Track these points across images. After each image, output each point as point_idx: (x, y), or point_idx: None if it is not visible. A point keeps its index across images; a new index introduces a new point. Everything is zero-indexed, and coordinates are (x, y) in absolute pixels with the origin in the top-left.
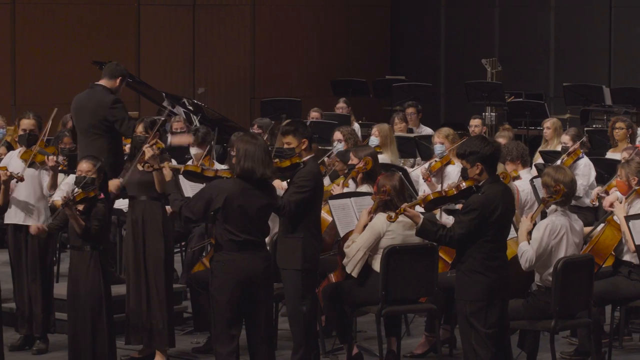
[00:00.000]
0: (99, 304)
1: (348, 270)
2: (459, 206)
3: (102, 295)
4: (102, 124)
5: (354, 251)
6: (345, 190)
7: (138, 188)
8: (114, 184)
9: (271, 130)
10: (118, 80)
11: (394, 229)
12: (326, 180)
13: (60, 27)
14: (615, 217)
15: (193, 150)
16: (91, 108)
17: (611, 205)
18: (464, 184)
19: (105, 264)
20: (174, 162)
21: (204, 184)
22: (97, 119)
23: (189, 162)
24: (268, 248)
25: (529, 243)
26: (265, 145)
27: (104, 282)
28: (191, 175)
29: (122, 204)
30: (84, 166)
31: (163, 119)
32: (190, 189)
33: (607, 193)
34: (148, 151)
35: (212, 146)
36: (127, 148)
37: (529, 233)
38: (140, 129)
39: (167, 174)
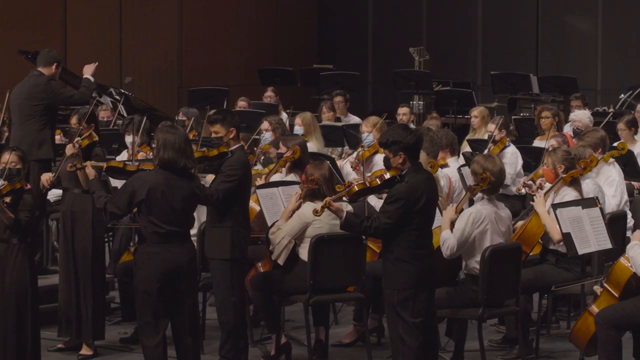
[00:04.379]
0: (24, 296)
1: (273, 257)
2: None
3: (28, 287)
4: (38, 104)
5: (279, 238)
6: (274, 179)
7: (69, 180)
8: (45, 177)
9: (197, 119)
10: (54, 67)
11: (322, 218)
12: (259, 166)
13: None
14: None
15: (129, 139)
16: (27, 91)
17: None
18: (387, 174)
19: (32, 256)
20: (105, 154)
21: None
22: (33, 99)
23: (123, 152)
24: (195, 238)
25: (451, 232)
26: (185, 135)
27: (31, 275)
28: (114, 172)
29: (48, 195)
30: (7, 157)
31: (90, 108)
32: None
33: (533, 181)
34: (69, 149)
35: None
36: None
37: (453, 223)
38: (73, 120)
39: (90, 172)
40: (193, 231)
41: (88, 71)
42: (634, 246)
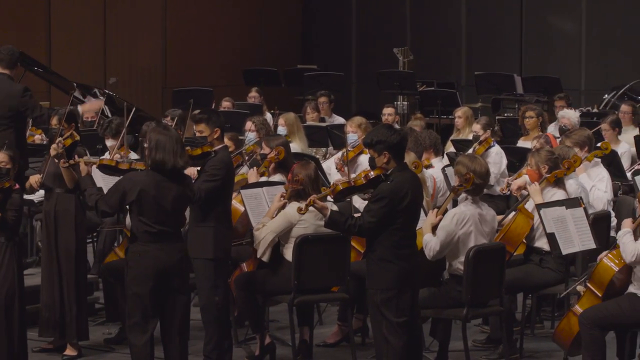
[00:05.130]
0: (12, 296)
1: (258, 254)
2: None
3: (16, 287)
4: (11, 114)
5: (264, 234)
6: (260, 179)
7: (53, 180)
8: (34, 179)
9: (180, 117)
10: (19, 66)
11: (307, 218)
12: (245, 169)
13: None
14: (527, 205)
15: (109, 142)
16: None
17: (519, 188)
18: (372, 173)
19: (20, 256)
20: (87, 154)
21: (119, 176)
22: (6, 109)
23: (105, 154)
24: None
25: (433, 236)
26: (177, 135)
27: (18, 274)
28: (106, 169)
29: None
30: None
31: (69, 107)
32: (101, 180)
33: None
34: (53, 150)
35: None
36: (35, 138)
37: (434, 227)
38: (54, 121)
39: (83, 169)
40: None
41: (86, 107)
42: (626, 233)
